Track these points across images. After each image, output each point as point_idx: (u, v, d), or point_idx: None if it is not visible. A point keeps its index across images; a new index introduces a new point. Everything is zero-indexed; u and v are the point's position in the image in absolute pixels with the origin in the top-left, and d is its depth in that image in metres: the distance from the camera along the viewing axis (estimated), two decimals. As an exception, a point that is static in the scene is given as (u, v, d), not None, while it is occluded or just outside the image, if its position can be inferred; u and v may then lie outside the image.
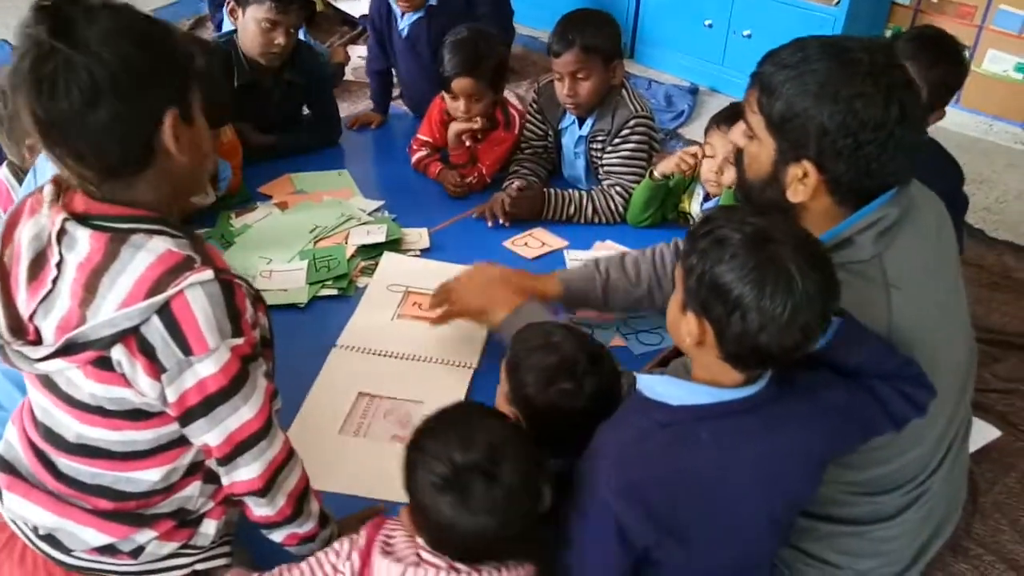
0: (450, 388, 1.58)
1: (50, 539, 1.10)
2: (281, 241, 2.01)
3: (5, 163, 1.71)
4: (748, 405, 1.02)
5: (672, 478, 1.01)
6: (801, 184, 1.16)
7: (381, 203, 2.21)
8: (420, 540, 1.04)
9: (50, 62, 0.90)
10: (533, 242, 2.06)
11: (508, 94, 3.19)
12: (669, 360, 1.21)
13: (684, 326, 1.01)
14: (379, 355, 1.67)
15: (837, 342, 1.07)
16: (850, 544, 1.32)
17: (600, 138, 2.16)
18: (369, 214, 2.15)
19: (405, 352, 1.68)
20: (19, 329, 1.02)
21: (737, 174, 1.29)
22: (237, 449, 1.06)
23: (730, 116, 1.89)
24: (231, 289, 1.00)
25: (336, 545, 1.10)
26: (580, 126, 2.20)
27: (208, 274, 0.97)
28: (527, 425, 1.19)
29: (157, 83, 0.97)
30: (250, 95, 2.28)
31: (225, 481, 1.10)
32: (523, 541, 1.04)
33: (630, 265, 1.72)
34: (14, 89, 0.94)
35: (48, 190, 1.02)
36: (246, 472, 1.08)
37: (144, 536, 1.10)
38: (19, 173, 1.67)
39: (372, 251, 1.99)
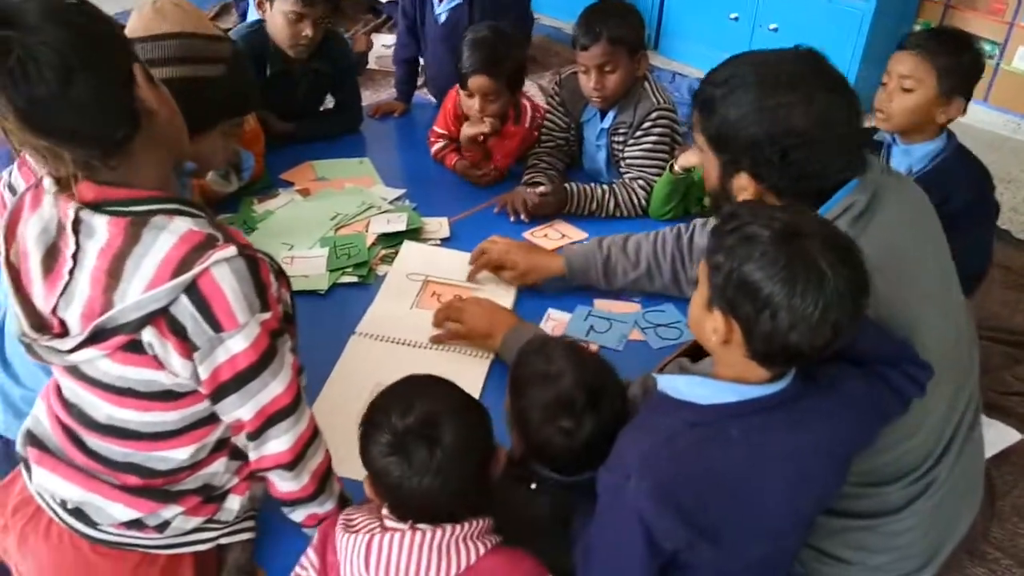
0: (468, 378, 1.58)
1: (77, 513, 1.12)
2: (302, 228, 2.02)
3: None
4: (775, 402, 1.01)
5: (703, 477, 1.00)
6: (745, 194, 1.21)
7: (402, 192, 2.21)
8: (384, 510, 1.07)
9: (10, 53, 0.89)
10: (553, 234, 2.05)
11: (530, 85, 3.19)
12: (687, 355, 1.20)
13: (710, 324, 1.00)
14: (398, 343, 1.68)
15: None
16: (862, 539, 1.31)
17: (622, 131, 2.15)
18: (390, 202, 2.15)
19: (424, 342, 1.68)
20: (42, 325, 1.03)
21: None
22: (268, 422, 1.07)
23: None
24: (256, 264, 1.01)
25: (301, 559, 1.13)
26: (602, 119, 2.19)
27: (232, 250, 0.98)
28: (528, 449, 1.19)
29: (112, 43, 0.97)
30: (278, 84, 2.29)
31: (254, 456, 1.11)
32: (476, 499, 1.06)
33: (632, 247, 1.80)
34: None
35: (48, 183, 1.02)
36: (276, 445, 1.09)
37: (170, 511, 1.12)
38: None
39: (392, 240, 1.99)
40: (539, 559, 1.16)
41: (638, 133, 2.11)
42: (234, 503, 1.17)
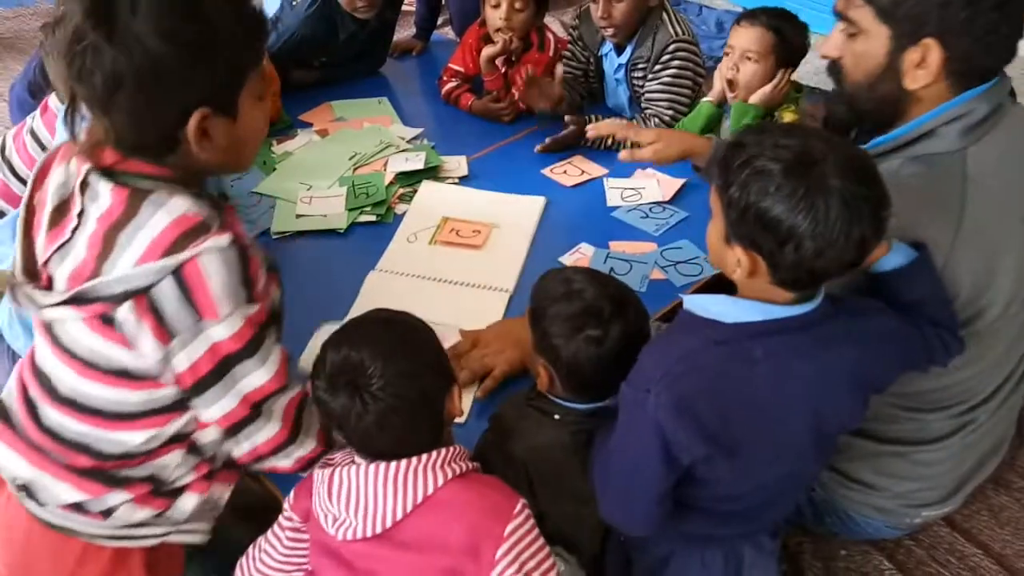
0: (487, 312, 1.59)
1: (26, 490, 1.09)
2: (321, 168, 2.02)
3: (53, 92, 1.74)
4: (802, 322, 1.00)
5: (724, 394, 0.99)
6: (920, 69, 1.14)
7: (420, 131, 2.20)
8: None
9: (81, 43, 0.89)
10: (572, 170, 2.03)
11: (552, 21, 3.12)
12: (708, 287, 1.18)
13: (731, 257, 0.98)
14: (417, 278, 1.68)
15: (908, 271, 1.05)
16: (891, 465, 1.31)
17: (641, 66, 2.09)
18: (408, 142, 2.14)
19: (442, 277, 1.68)
20: (33, 272, 1.03)
21: (836, 85, 1.28)
22: (255, 411, 1.04)
23: (750, 14, 1.90)
24: (246, 256, 0.98)
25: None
26: (619, 54, 2.13)
27: (225, 239, 0.95)
28: (557, 374, 1.18)
29: (188, 82, 0.94)
30: (346, 44, 2.34)
31: (247, 447, 1.07)
32: (425, 437, 1.04)
33: None
34: (52, 48, 0.94)
35: (83, 138, 1.00)
36: (268, 431, 1.06)
37: (117, 498, 1.07)
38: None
39: (411, 178, 1.98)
40: (561, 485, 1.18)
41: (656, 67, 2.06)
42: (188, 502, 1.11)
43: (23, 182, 1.71)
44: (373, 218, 1.87)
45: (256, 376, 1.01)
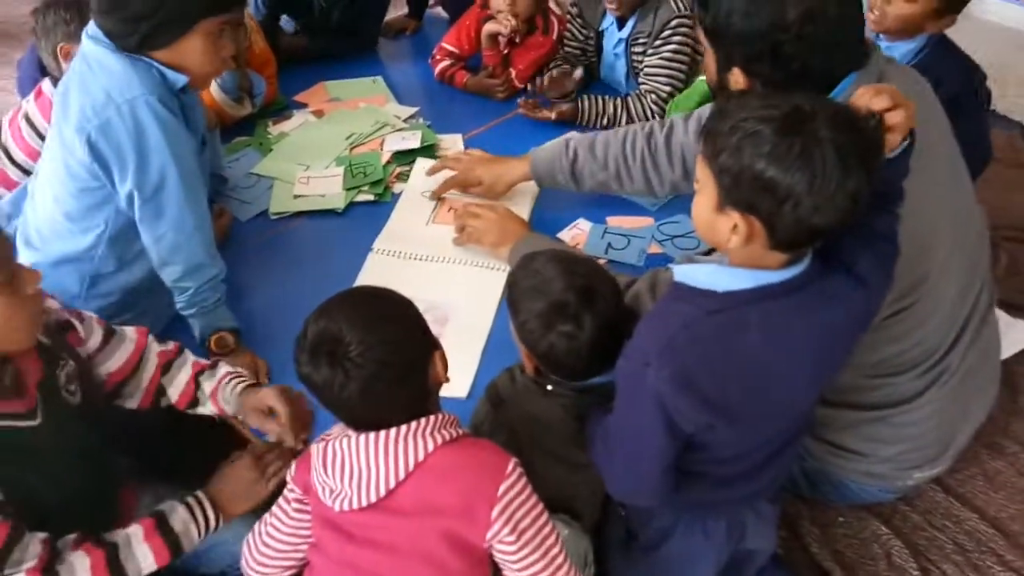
0: (484, 290, 1.60)
1: None
2: (317, 148, 2.03)
3: (48, 77, 1.74)
4: (795, 285, 1.00)
5: (722, 362, 1.00)
6: (739, 88, 1.19)
7: (415, 109, 2.20)
8: None
9: None
10: (568, 147, 2.03)
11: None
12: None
13: (725, 224, 0.97)
14: (415, 259, 1.69)
15: None
16: (874, 431, 1.34)
17: (641, 40, 2.09)
18: (404, 120, 2.14)
19: (440, 255, 1.69)
20: None
21: None
22: None
23: None
24: None
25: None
26: (620, 28, 2.13)
27: None
28: (538, 361, 1.19)
29: None
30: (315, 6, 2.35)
31: None
32: (411, 405, 1.04)
33: (599, 147, 1.72)
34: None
35: None
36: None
37: None
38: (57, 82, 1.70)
39: (407, 157, 1.99)
40: (551, 451, 1.20)
41: (657, 42, 2.05)
42: None
43: (19, 167, 1.72)
44: (371, 197, 1.88)
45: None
